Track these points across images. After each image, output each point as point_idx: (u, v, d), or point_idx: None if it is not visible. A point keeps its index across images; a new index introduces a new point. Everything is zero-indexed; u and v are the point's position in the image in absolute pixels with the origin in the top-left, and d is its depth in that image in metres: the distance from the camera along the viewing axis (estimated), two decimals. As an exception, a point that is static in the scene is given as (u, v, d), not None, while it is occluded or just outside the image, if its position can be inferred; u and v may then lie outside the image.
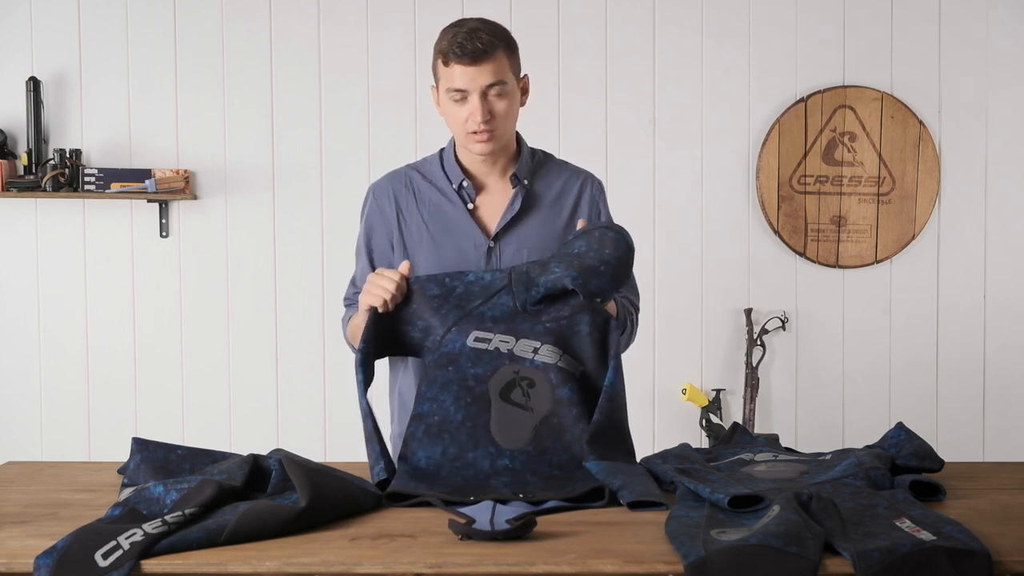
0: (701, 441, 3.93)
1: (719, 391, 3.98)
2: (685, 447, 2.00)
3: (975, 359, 4.01)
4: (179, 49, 3.91)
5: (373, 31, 3.93)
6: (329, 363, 3.91)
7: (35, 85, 3.81)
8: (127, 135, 3.91)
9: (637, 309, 2.21)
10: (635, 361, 2.11)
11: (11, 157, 3.85)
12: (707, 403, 3.94)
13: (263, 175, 3.93)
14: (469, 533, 1.54)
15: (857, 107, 3.95)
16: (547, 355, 1.96)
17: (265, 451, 1.87)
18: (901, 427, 2.00)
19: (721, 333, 4.00)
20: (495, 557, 1.49)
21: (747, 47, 3.97)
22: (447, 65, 2.05)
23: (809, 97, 3.95)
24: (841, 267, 3.99)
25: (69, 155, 3.80)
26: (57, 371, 3.93)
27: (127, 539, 1.49)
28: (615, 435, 1.94)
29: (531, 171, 2.20)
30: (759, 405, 3.98)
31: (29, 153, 3.81)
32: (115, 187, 3.80)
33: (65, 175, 3.78)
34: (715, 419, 3.94)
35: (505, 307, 1.98)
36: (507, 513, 1.66)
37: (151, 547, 1.49)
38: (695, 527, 1.54)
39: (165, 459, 1.87)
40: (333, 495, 1.67)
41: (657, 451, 1.99)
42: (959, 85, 3.98)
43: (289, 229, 3.94)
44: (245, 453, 1.85)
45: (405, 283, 1.97)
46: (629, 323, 2.13)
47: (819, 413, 4.01)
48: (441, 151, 2.23)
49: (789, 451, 2.03)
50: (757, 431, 3.90)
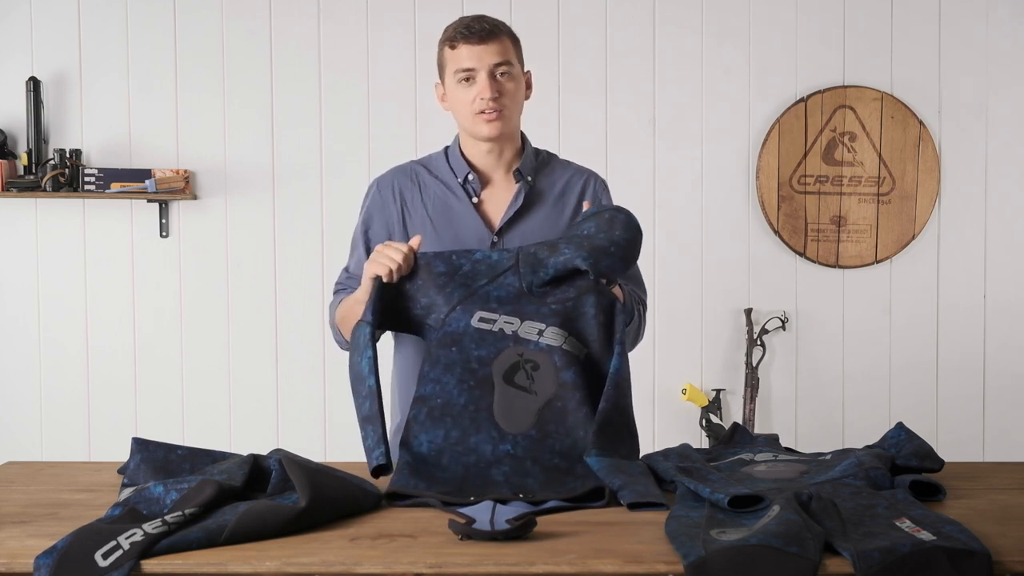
0: (701, 441, 3.93)
1: (719, 391, 3.98)
2: (686, 447, 2.00)
3: (975, 359, 4.01)
4: (179, 49, 3.91)
5: (373, 31, 3.93)
6: (329, 363, 3.91)
7: (35, 85, 3.81)
8: (127, 135, 3.91)
9: (645, 304, 2.21)
10: (635, 361, 2.10)
11: (11, 157, 3.85)
12: (707, 403, 3.94)
13: (263, 175, 3.93)
14: (469, 533, 1.54)
15: (857, 107, 3.95)
16: (552, 337, 1.95)
17: (265, 451, 1.87)
18: (901, 427, 2.00)
19: (721, 333, 4.00)
20: (495, 557, 1.48)
21: (747, 47, 3.97)
22: (454, 48, 2.08)
23: (809, 97, 3.95)
24: (841, 267, 3.99)
25: (69, 155, 3.80)
26: (57, 371, 3.93)
27: (127, 539, 1.49)
28: (621, 423, 1.93)
29: (535, 168, 2.21)
30: (759, 405, 3.98)
31: (29, 153, 3.81)
32: (115, 187, 3.80)
33: (65, 175, 3.78)
34: (715, 419, 3.94)
35: (511, 288, 1.97)
36: (507, 513, 1.66)
37: (151, 547, 1.48)
38: (695, 527, 1.54)
39: (165, 459, 1.87)
40: (333, 495, 1.66)
41: (657, 451, 1.99)
42: (959, 85, 3.98)
43: (289, 229, 3.94)
44: (245, 453, 1.85)
45: (412, 256, 1.97)
46: (636, 314, 2.13)
47: (819, 413, 4.01)
48: (446, 148, 2.24)
49: (789, 451, 2.03)
50: (757, 431, 3.90)
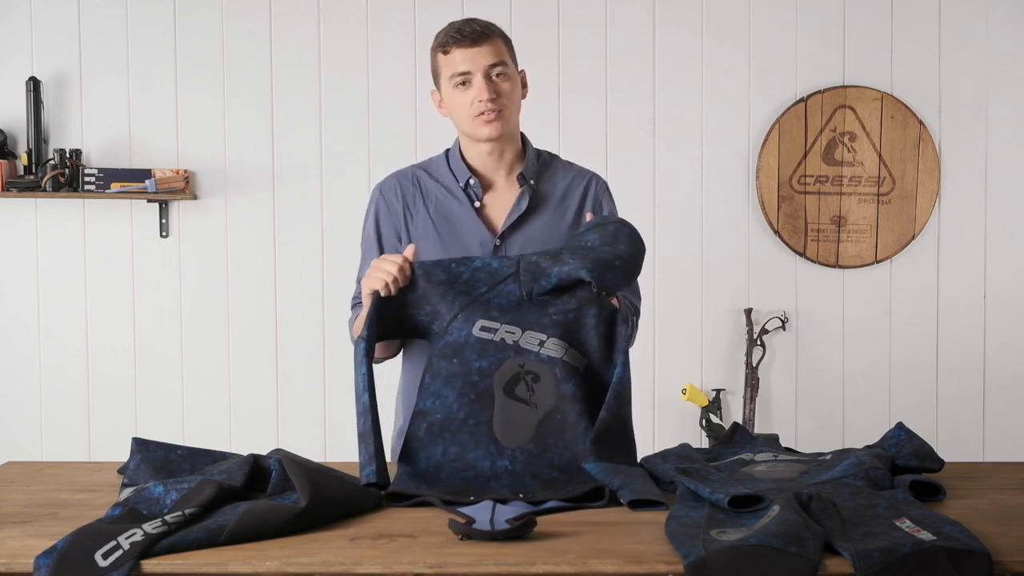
0: (701, 441, 3.93)
1: (719, 391, 3.98)
2: (685, 447, 2.00)
3: (975, 359, 4.01)
4: (179, 49, 3.91)
5: (373, 31, 3.93)
6: (329, 363, 3.91)
7: (35, 85, 3.81)
8: (127, 135, 3.91)
9: (638, 312, 2.21)
10: (635, 361, 2.09)
11: (11, 157, 3.85)
12: (707, 403, 3.94)
13: (263, 175, 3.93)
14: (469, 533, 1.54)
15: (857, 107, 3.95)
16: (553, 348, 1.95)
17: (265, 451, 1.87)
18: (901, 427, 2.00)
19: (721, 333, 4.00)
20: (495, 557, 1.49)
21: (747, 47, 3.97)
22: (447, 53, 2.07)
23: (809, 97, 3.95)
24: (841, 267, 3.99)
25: (69, 155, 3.80)
26: (57, 371, 3.93)
27: (127, 539, 1.49)
28: (619, 432, 1.93)
29: (537, 171, 2.21)
30: (759, 405, 3.98)
31: (29, 153, 3.81)
32: (115, 187, 3.80)
33: (65, 175, 3.78)
34: (715, 419, 3.94)
35: (511, 296, 1.97)
36: (507, 513, 1.66)
37: (151, 547, 1.48)
38: (695, 527, 1.54)
39: (165, 459, 1.87)
40: (333, 495, 1.67)
41: (657, 451, 1.99)
42: (959, 85, 3.98)
43: (289, 229, 3.94)
44: (245, 453, 1.85)
45: (409, 267, 1.96)
46: (630, 323, 2.13)
47: (819, 413, 4.01)
48: (447, 151, 2.23)
49: (789, 451, 2.03)
50: (757, 431, 3.90)
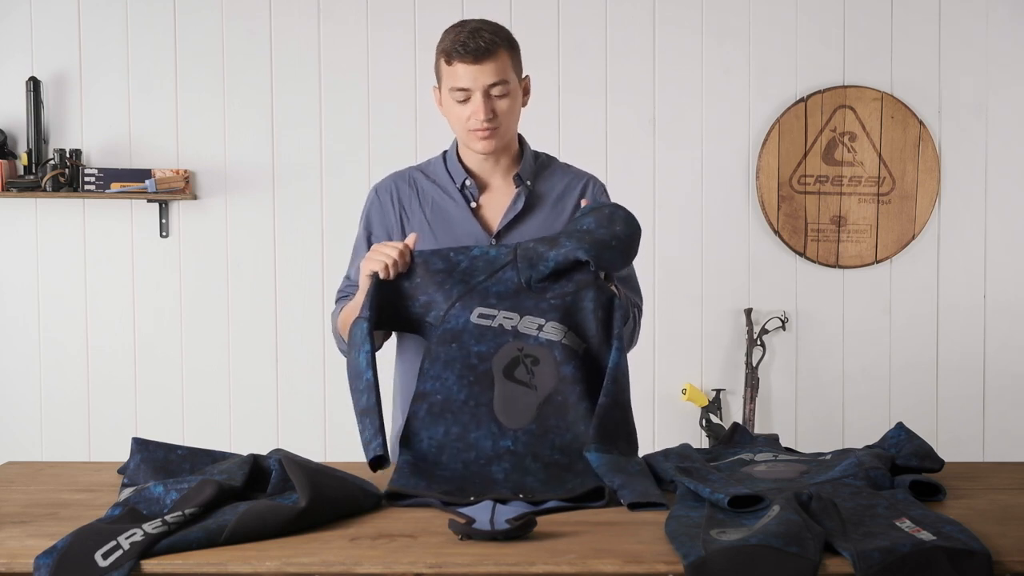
0: (701, 441, 3.93)
1: (719, 391, 3.98)
2: (686, 447, 2.00)
3: (975, 359, 4.01)
4: (179, 49, 3.91)
5: (373, 31, 3.93)
6: (329, 363, 3.91)
7: (35, 85, 3.81)
8: (127, 135, 3.91)
9: (640, 310, 2.21)
10: (635, 361, 2.10)
11: (11, 157, 3.85)
12: (707, 403, 3.94)
13: (263, 175, 3.93)
14: (469, 533, 1.54)
15: (857, 107, 3.95)
16: (552, 332, 1.96)
17: (265, 451, 1.87)
18: (901, 427, 2.00)
19: (721, 333, 4.00)
20: (495, 557, 1.49)
21: (747, 47, 3.97)
22: (450, 64, 2.06)
23: (809, 97, 3.95)
24: (841, 267, 3.99)
25: (69, 155, 3.80)
26: (57, 371, 3.93)
27: (127, 539, 1.49)
28: (620, 419, 1.93)
29: (534, 172, 2.21)
30: (759, 405, 3.98)
31: (29, 153, 3.81)
32: (115, 187, 3.80)
33: (65, 175, 3.78)
34: (715, 419, 3.94)
35: (509, 283, 1.97)
36: (507, 513, 1.67)
37: (151, 547, 1.49)
38: (695, 527, 1.54)
39: (165, 459, 1.87)
40: (333, 495, 1.67)
41: (657, 451, 1.99)
42: (959, 85, 3.98)
43: (289, 229, 3.94)
44: (245, 453, 1.85)
45: (408, 253, 1.98)
46: (632, 318, 2.14)
47: (819, 413, 4.01)
48: (444, 152, 2.24)
49: (789, 451, 2.03)
50: (757, 431, 3.90)
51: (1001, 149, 3.99)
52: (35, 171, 3.81)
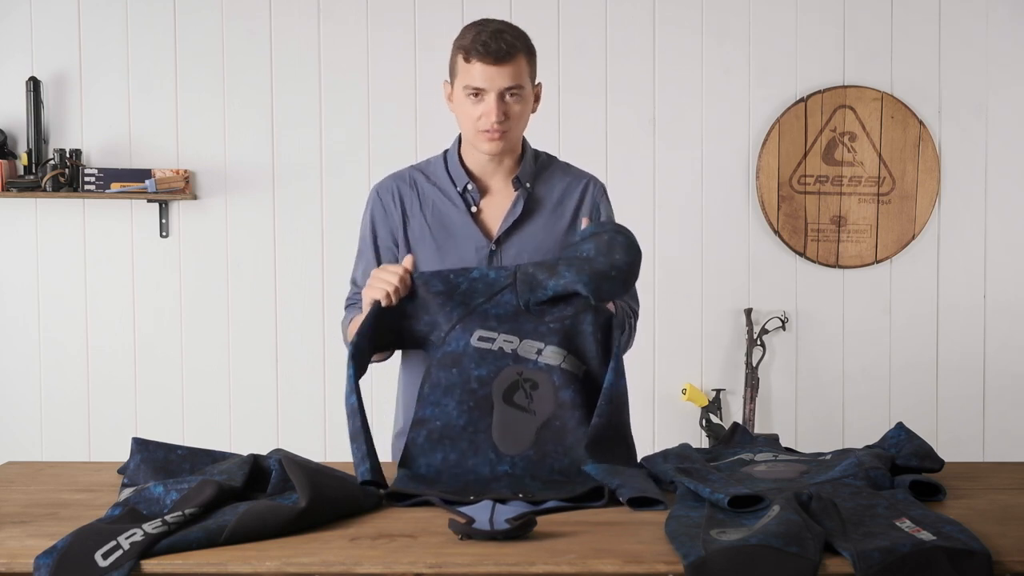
0: (701, 441, 3.93)
1: (719, 391, 3.98)
2: (685, 447, 2.00)
3: (975, 359, 4.01)
4: (179, 49, 3.91)
5: (373, 31, 3.93)
6: (329, 363, 3.91)
7: (35, 85, 3.81)
8: (127, 135, 3.91)
9: (636, 315, 2.21)
10: (635, 361, 2.10)
11: (11, 157, 3.85)
12: (707, 403, 3.94)
13: (263, 175, 3.93)
14: (469, 533, 1.54)
15: (857, 107, 3.95)
16: (551, 356, 1.96)
17: (265, 451, 1.87)
18: (901, 427, 2.00)
19: (721, 333, 4.00)
20: (495, 557, 1.49)
21: (747, 47, 3.97)
22: (468, 62, 2.05)
23: (809, 97, 3.95)
24: (841, 267, 3.99)
25: (69, 155, 3.80)
26: (57, 371, 3.93)
27: (127, 539, 1.49)
28: (615, 438, 1.93)
29: (534, 174, 2.20)
30: (759, 405, 3.98)
31: (29, 153, 3.81)
32: (115, 187, 3.80)
33: (65, 175, 3.77)
34: (715, 419, 3.94)
35: (509, 305, 1.97)
36: (507, 513, 1.67)
37: (151, 547, 1.49)
38: (695, 527, 1.54)
39: (165, 459, 1.87)
40: (333, 495, 1.67)
41: (657, 451, 1.99)
42: (959, 85, 3.98)
43: (289, 229, 3.94)
44: (245, 453, 1.86)
45: (409, 277, 1.97)
46: (628, 326, 2.13)
47: (819, 413, 4.01)
48: (445, 152, 2.23)
49: (789, 451, 2.03)
50: (757, 431, 3.90)
51: (1001, 149, 3.99)
52: (35, 171, 3.81)
